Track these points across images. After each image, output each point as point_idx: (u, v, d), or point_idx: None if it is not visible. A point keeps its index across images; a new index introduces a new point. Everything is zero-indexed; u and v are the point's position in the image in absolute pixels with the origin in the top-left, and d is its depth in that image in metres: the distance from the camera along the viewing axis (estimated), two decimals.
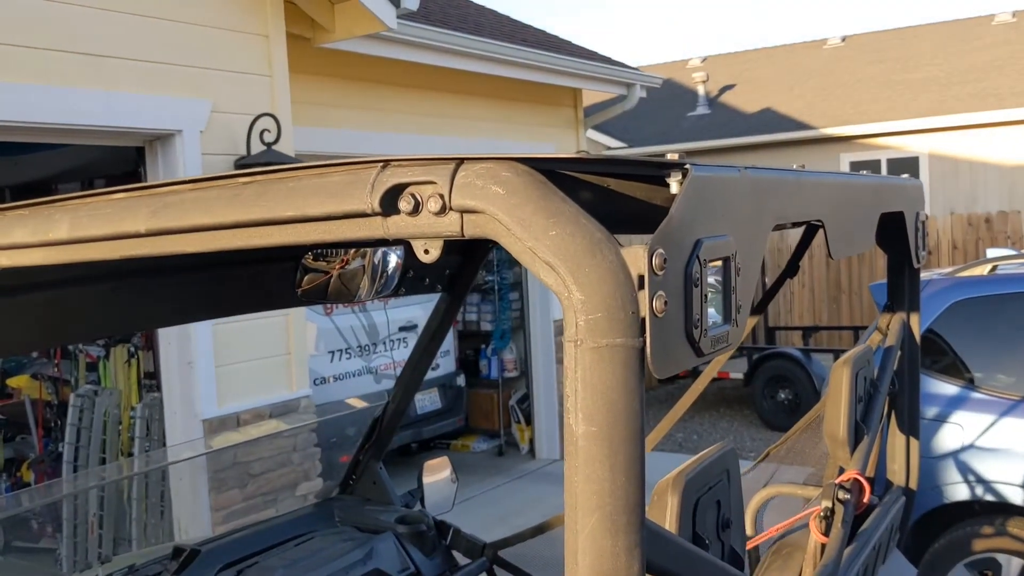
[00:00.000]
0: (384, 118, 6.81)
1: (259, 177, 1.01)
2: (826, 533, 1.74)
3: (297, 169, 0.98)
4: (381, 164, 0.92)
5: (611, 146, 17.03)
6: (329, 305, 7.46)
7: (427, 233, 0.90)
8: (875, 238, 2.13)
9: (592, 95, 9.71)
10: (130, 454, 5.94)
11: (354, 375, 7.72)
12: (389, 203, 0.90)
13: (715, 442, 9.42)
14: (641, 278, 0.82)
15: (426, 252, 0.92)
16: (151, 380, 5.99)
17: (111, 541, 5.80)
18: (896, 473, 2.25)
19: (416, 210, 0.90)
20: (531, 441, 8.99)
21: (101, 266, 1.52)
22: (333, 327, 7.58)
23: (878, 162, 15.80)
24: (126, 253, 1.08)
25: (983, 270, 4.82)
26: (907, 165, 15.55)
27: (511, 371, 9.21)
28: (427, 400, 8.38)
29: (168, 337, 5.13)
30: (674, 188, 0.89)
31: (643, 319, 0.82)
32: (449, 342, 8.82)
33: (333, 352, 7.57)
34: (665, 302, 0.83)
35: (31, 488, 6.55)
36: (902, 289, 2.19)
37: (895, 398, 2.26)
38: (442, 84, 7.29)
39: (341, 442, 6.27)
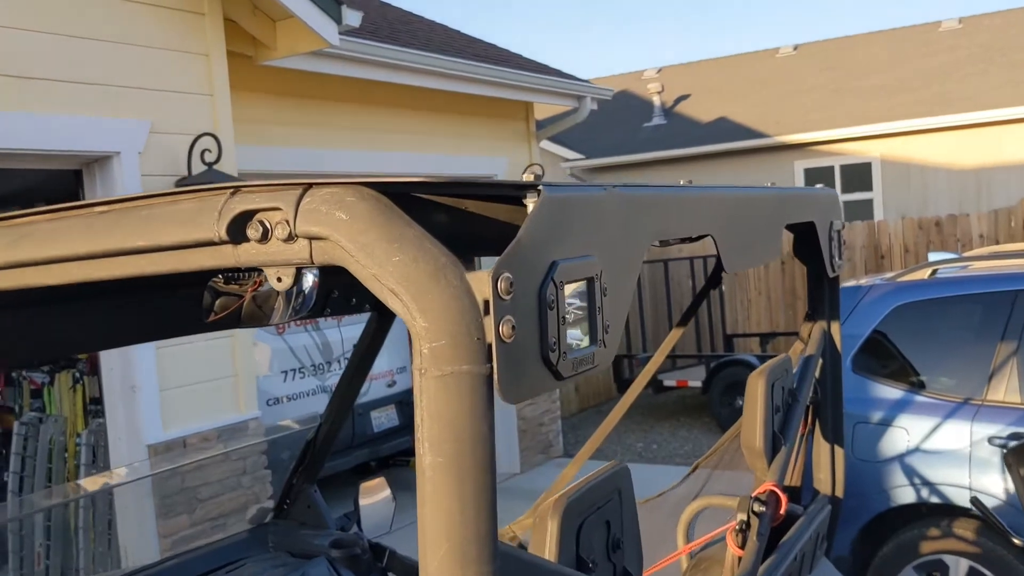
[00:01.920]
0: (332, 135, 6.77)
1: (116, 205, 0.98)
2: (742, 546, 1.73)
3: (151, 196, 0.96)
4: (231, 191, 0.90)
5: (568, 157, 17.09)
6: (281, 324, 7.39)
7: (277, 261, 0.88)
8: (793, 248, 2.14)
9: (546, 108, 9.74)
10: None
11: (308, 394, 7.65)
12: (237, 231, 0.88)
13: (675, 451, 9.43)
14: (487, 303, 0.80)
15: (279, 280, 0.90)
16: (97, 406, 5.89)
17: (59, 570, 5.68)
18: (822, 482, 2.25)
19: (265, 237, 0.88)
20: None
21: None
22: (285, 346, 7.51)
23: (831, 168, 15.99)
24: None
25: (924, 274, 4.88)
26: (860, 170, 15.75)
27: None
28: (384, 417, 8.32)
29: (111, 362, 5.04)
30: (531, 210, 0.87)
31: (490, 345, 0.80)
32: (406, 358, 8.77)
33: (286, 372, 7.49)
34: (513, 327, 0.81)
35: None
36: (821, 298, 2.20)
37: (819, 406, 2.27)
38: (391, 100, 7.27)
39: (286, 464, 6.19)
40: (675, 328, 2.39)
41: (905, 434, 4.51)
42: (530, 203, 0.88)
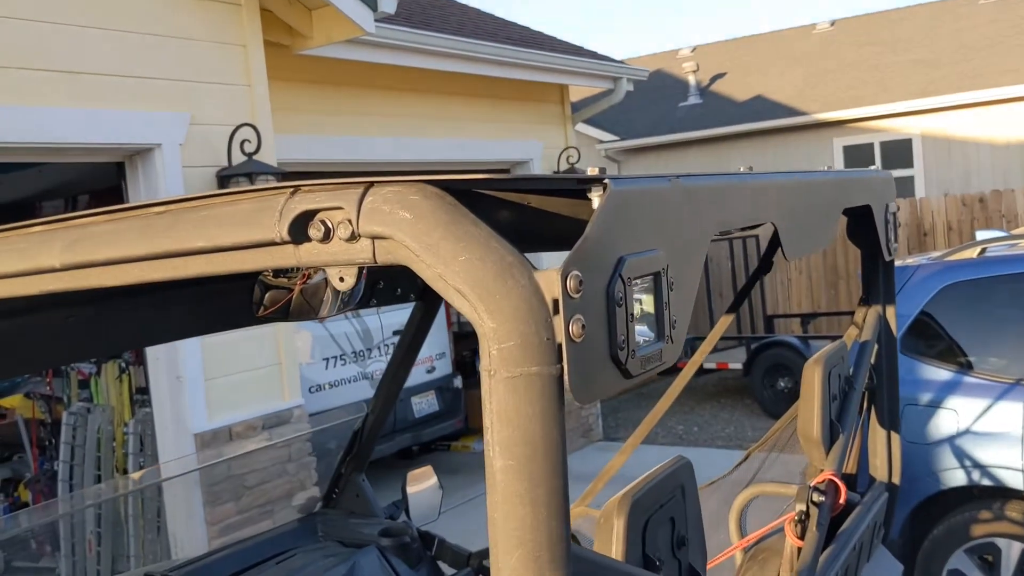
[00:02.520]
0: (369, 123, 6.78)
1: (172, 206, 0.97)
2: (802, 537, 1.70)
3: (209, 197, 0.95)
4: (291, 190, 0.89)
5: (603, 139, 16.99)
6: (307, 320, 7.42)
7: (339, 261, 0.87)
8: (847, 232, 2.10)
9: (580, 90, 9.68)
10: (125, 470, 5.91)
11: (350, 381, 7.69)
12: (299, 231, 0.87)
13: (716, 434, 9.37)
14: (556, 302, 0.78)
15: (341, 280, 0.89)
16: (143, 395, 5.97)
17: (109, 558, 5.78)
18: (878, 468, 2.21)
19: (327, 237, 0.86)
20: None
21: (40, 296, 1.49)
22: (327, 334, 7.55)
23: (871, 145, 15.74)
24: (42, 289, 1.05)
25: (972, 253, 4.78)
26: (900, 147, 15.49)
27: None
28: (424, 403, 8.36)
29: (156, 353, 5.10)
30: (596, 204, 0.85)
31: (560, 345, 0.78)
32: (444, 344, 8.79)
33: (328, 359, 7.54)
34: (583, 326, 0.79)
35: (29, 508, 6.53)
36: (876, 282, 2.15)
37: (874, 392, 2.23)
38: (426, 86, 7.25)
39: (333, 452, 6.24)
40: (725, 314, 2.36)
41: (955, 416, 4.43)
42: (595, 197, 0.86)
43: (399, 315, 8.23)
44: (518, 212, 0.94)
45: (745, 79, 18.30)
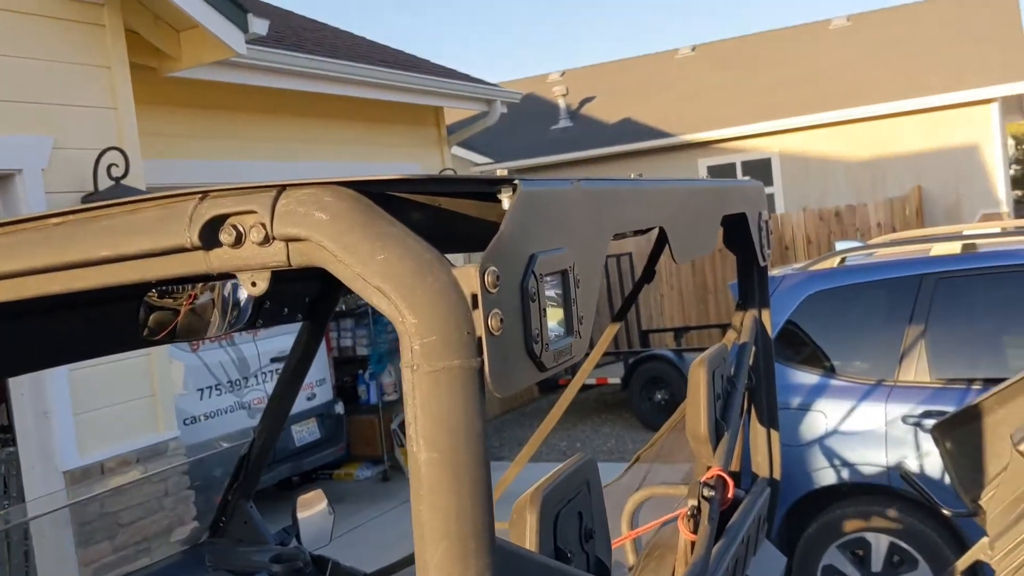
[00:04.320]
0: (242, 146, 6.65)
1: (72, 216, 0.95)
2: (695, 531, 1.77)
3: (111, 206, 0.93)
4: (199, 195, 0.88)
5: (477, 162, 17.13)
6: (195, 341, 7.22)
7: (252, 265, 0.87)
8: (723, 240, 2.20)
9: (455, 113, 9.75)
10: None
11: (226, 412, 7.48)
12: (209, 236, 0.87)
13: (599, 448, 9.53)
14: (475, 297, 0.81)
15: (253, 285, 0.89)
16: (5, 434, 5.65)
17: None
18: (760, 465, 2.31)
19: (239, 241, 0.86)
20: None
21: None
22: (201, 363, 7.33)
23: (733, 165, 16.41)
24: None
25: (833, 263, 5.05)
26: (760, 166, 16.21)
27: (390, 394, 9.12)
28: (305, 431, 8.20)
29: (20, 387, 4.85)
30: (505, 204, 0.88)
31: (479, 339, 0.80)
32: (325, 370, 8.66)
33: (202, 389, 7.32)
34: (501, 320, 0.82)
35: None
36: (752, 287, 2.26)
37: (753, 392, 2.33)
38: (302, 109, 7.18)
39: (214, 483, 6.06)
40: (612, 323, 2.42)
41: (824, 417, 4.65)
42: (505, 198, 0.89)
43: (276, 342, 8.06)
44: (430, 214, 0.96)
45: (614, 102, 18.81)
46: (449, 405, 0.79)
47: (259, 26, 5.72)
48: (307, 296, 2.54)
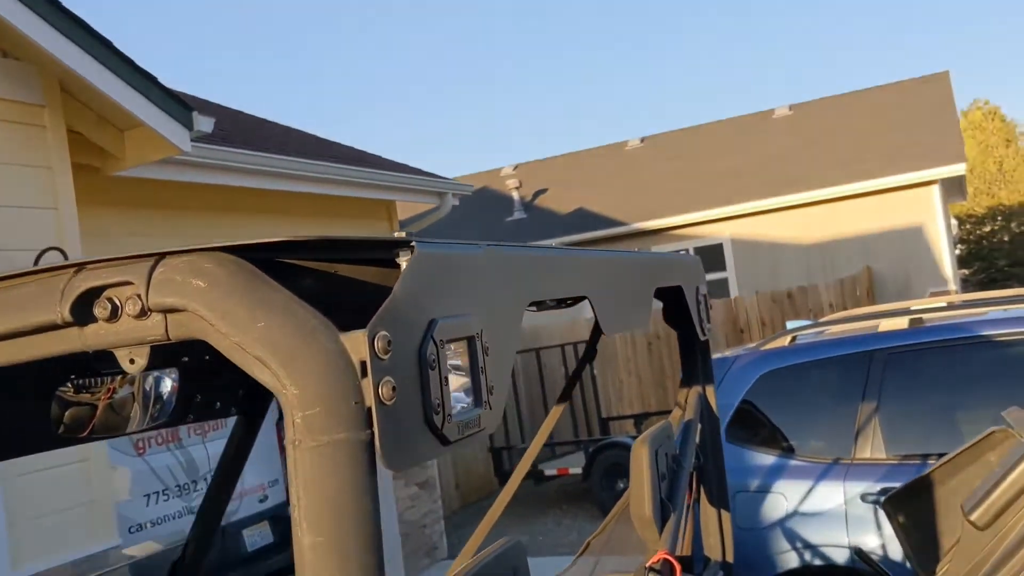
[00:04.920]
0: (189, 244, 6.57)
1: None
2: None
3: None
4: (75, 268, 0.83)
5: None
6: (140, 444, 7.00)
7: (128, 340, 0.80)
8: (663, 315, 2.17)
9: (408, 206, 9.79)
10: None
11: (174, 517, 7.21)
12: (83, 310, 0.80)
13: (559, 541, 9.32)
14: (364, 364, 0.75)
15: (132, 362, 0.82)
16: None
17: None
18: (712, 548, 2.24)
19: (114, 315, 0.80)
20: None
21: None
22: (147, 467, 7.09)
23: (686, 251, 16.63)
24: None
25: (784, 341, 5.05)
26: (713, 251, 16.44)
27: None
28: (257, 535, 7.92)
29: None
30: (404, 266, 0.83)
31: (369, 409, 0.75)
32: (278, 470, 8.42)
33: (148, 495, 7.06)
34: (394, 388, 0.76)
35: None
36: (694, 362, 2.22)
37: (702, 471, 2.27)
38: (248, 205, 7.15)
39: None
40: (557, 404, 2.36)
41: (783, 499, 4.58)
42: (403, 261, 0.84)
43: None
44: (326, 280, 0.91)
45: (566, 193, 19.07)
46: (335, 483, 0.72)
47: (204, 124, 5.71)
48: (241, 388, 2.45)
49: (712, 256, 16.47)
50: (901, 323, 4.75)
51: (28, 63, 5.04)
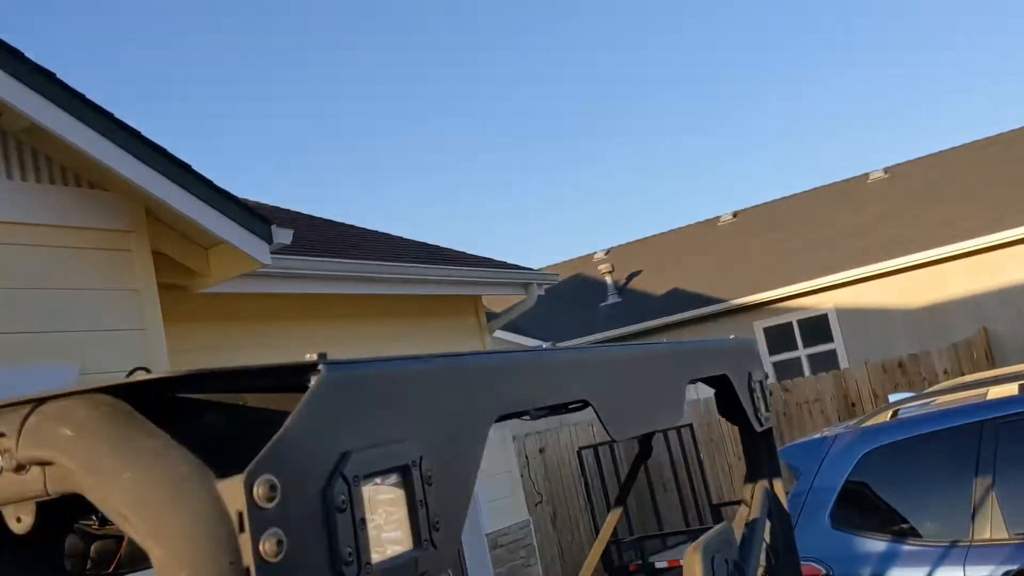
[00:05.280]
0: (272, 354, 6.67)
1: None
2: None
3: None
4: None
5: (525, 345, 17.09)
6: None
7: (9, 497, 0.73)
8: (717, 408, 2.01)
9: (500, 299, 9.79)
10: None
11: None
12: None
13: None
14: (241, 516, 0.65)
15: (18, 521, 0.75)
16: None
17: None
18: None
19: None
20: None
21: None
22: None
23: (790, 324, 16.14)
24: None
25: (886, 417, 4.75)
26: (817, 323, 15.91)
27: None
28: None
29: None
30: (307, 394, 0.74)
31: (248, 569, 0.65)
32: None
33: None
34: (280, 542, 0.66)
35: None
36: (758, 455, 2.05)
37: (775, 574, 2.07)
38: (334, 311, 7.24)
39: None
40: (613, 508, 2.21)
41: None
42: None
43: None
44: (231, 416, 0.82)
45: (660, 274, 18.87)
46: None
47: (283, 236, 5.84)
48: None
49: (817, 328, 15.94)
50: (1011, 389, 4.41)
51: (114, 192, 5.26)
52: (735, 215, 20.47)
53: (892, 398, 5.28)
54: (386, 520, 0.78)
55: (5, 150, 4.86)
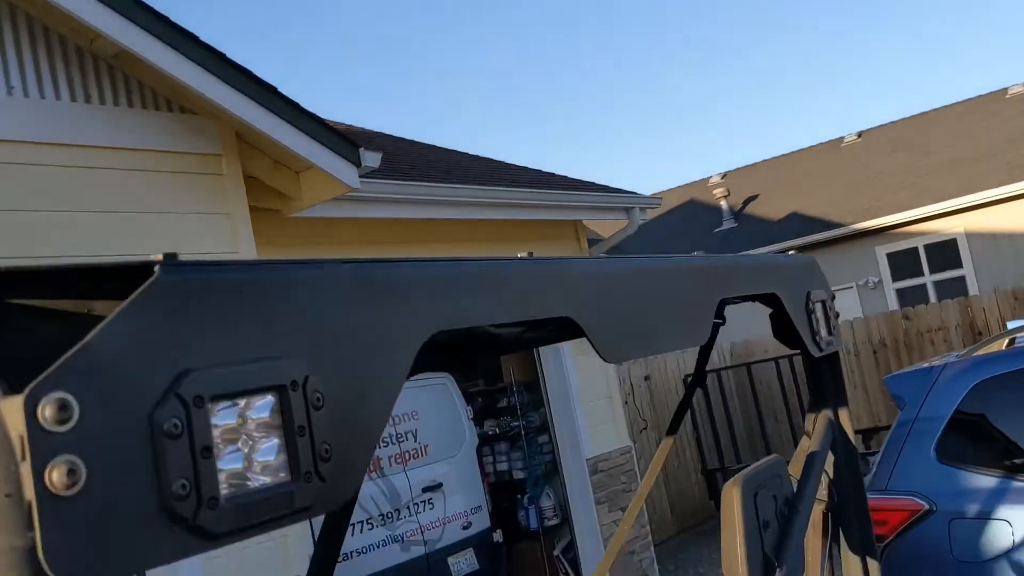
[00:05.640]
0: None
1: None
2: None
3: None
4: None
5: None
6: None
7: None
8: (772, 331, 1.83)
9: (605, 224, 9.58)
10: None
11: (378, 546, 7.32)
12: None
13: None
14: (23, 440, 0.55)
15: None
16: None
17: None
18: None
19: None
20: None
21: None
22: None
23: (915, 249, 15.36)
24: None
25: (1001, 345, 4.41)
26: (945, 248, 15.09)
27: (551, 519, 8.73)
28: (462, 562, 7.92)
29: None
30: (132, 296, 0.62)
31: (28, 503, 0.54)
32: (481, 496, 8.40)
33: (353, 524, 7.21)
34: (72, 471, 0.55)
35: None
36: (821, 382, 1.87)
37: (840, 513, 1.90)
38: (426, 236, 7.19)
39: None
40: (666, 437, 2.07)
41: (1008, 527, 3.96)
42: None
43: (428, 471, 7.91)
44: (58, 326, 0.72)
45: (778, 198, 18.19)
46: None
47: (371, 159, 5.78)
48: None
49: (946, 253, 15.12)
50: None
51: (204, 116, 5.29)
52: (859, 135, 19.49)
53: (1011, 325, 4.90)
54: (252, 449, 0.67)
55: (97, 75, 4.92)
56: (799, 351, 1.74)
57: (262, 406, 0.67)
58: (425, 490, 7.81)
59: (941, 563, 4.11)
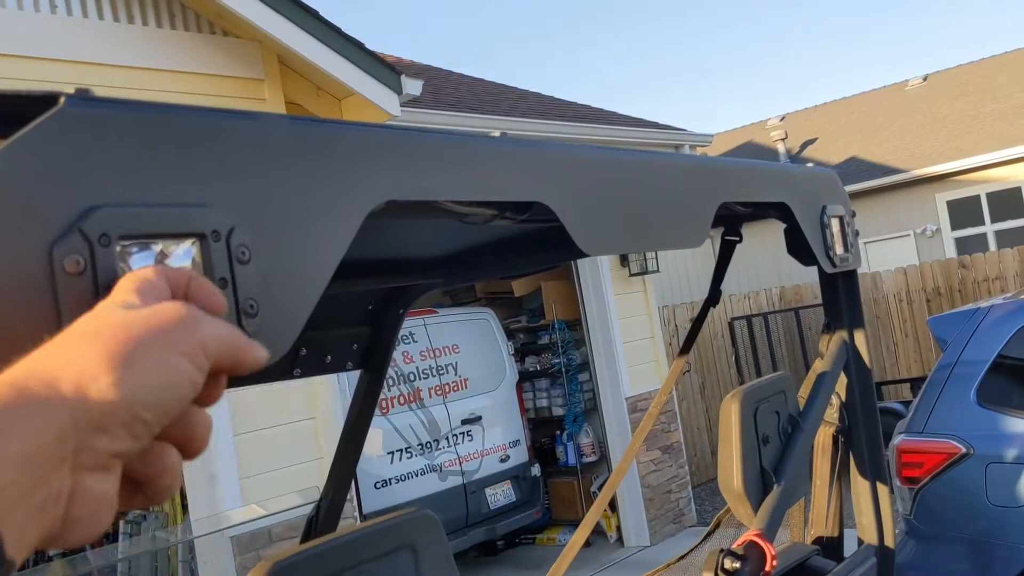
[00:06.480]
0: None
1: None
2: None
3: None
4: None
5: None
6: (384, 404, 7.25)
7: None
8: (787, 247, 1.77)
9: None
10: None
11: (417, 475, 7.44)
12: None
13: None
14: None
15: None
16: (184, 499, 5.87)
17: None
18: (865, 528, 1.82)
19: None
20: (618, 528, 8.47)
21: None
22: (390, 426, 7.36)
23: (977, 198, 14.93)
24: None
25: None
26: (1009, 196, 14.64)
27: (589, 455, 8.78)
28: (500, 493, 8.01)
29: None
30: (34, 123, 0.60)
31: None
32: (520, 430, 8.46)
33: (392, 452, 7.32)
34: None
35: None
36: (835, 300, 1.81)
37: (850, 436, 1.85)
38: None
39: None
40: (678, 356, 2.03)
41: None
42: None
43: (468, 404, 7.98)
44: None
45: (837, 142, 17.76)
46: None
47: (412, 87, 5.74)
48: (355, 343, 2.32)
49: (1009, 201, 14.67)
50: None
51: (246, 40, 5.27)
52: (925, 79, 18.87)
53: None
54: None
55: None
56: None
57: (182, 255, 0.65)
58: (464, 422, 7.89)
59: (976, 507, 4.04)
